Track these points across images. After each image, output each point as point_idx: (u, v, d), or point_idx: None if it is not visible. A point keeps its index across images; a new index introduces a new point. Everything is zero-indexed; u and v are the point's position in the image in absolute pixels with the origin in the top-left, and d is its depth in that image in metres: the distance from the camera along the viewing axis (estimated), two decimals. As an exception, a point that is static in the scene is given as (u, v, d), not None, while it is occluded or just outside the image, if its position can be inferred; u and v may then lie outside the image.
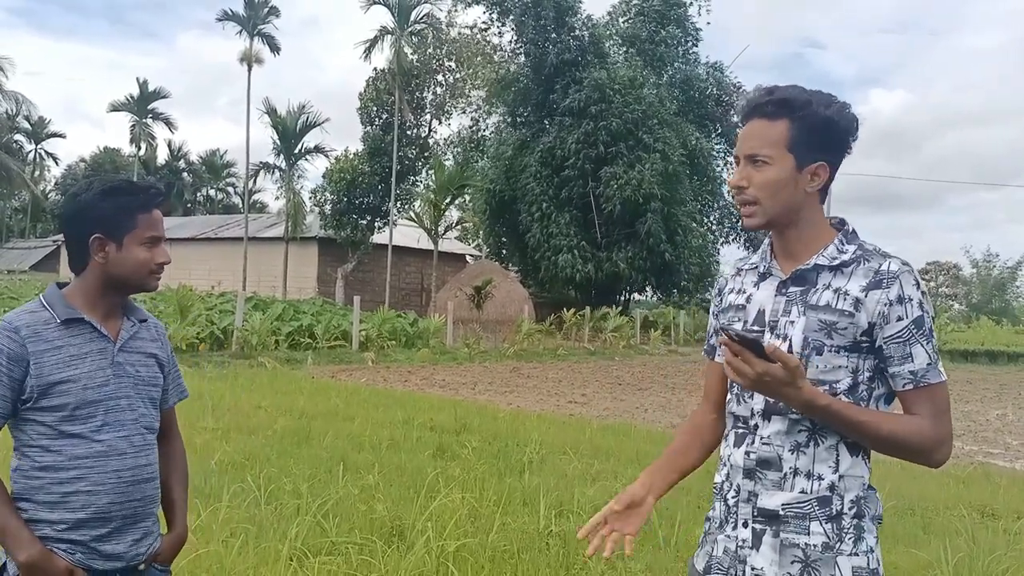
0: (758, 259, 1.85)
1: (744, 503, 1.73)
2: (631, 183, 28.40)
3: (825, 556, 1.66)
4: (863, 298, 1.66)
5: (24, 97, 48.08)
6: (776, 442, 1.70)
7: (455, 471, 6.27)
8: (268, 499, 5.05)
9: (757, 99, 1.75)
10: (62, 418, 1.91)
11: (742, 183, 1.74)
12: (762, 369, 1.56)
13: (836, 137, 1.74)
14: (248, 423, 7.96)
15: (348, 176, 35.49)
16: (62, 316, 1.95)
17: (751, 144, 1.73)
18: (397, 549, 4.29)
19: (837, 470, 1.68)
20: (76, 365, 1.92)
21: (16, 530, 1.87)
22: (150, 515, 2.06)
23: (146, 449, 2.02)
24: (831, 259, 1.72)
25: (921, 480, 7.38)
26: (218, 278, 35.43)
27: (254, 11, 36.51)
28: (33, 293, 21.26)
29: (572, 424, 9.72)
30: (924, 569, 4.46)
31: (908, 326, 1.66)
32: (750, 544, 1.71)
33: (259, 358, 15.53)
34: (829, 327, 1.67)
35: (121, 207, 1.97)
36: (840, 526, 1.67)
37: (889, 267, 1.68)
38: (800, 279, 1.74)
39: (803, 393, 1.59)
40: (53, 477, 1.91)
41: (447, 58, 36.89)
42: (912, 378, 1.67)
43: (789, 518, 1.68)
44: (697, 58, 36.46)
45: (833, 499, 1.67)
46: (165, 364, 2.14)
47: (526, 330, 24.07)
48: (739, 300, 1.83)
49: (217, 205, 69.30)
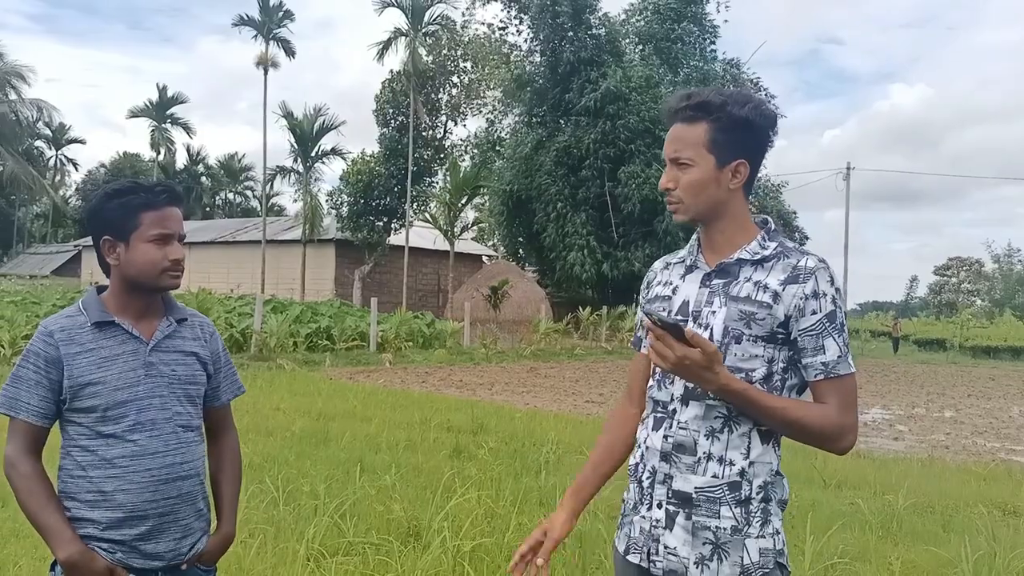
0: (685, 253, 1.94)
1: (660, 484, 1.81)
2: (650, 181, 28.34)
3: (734, 539, 1.74)
4: (781, 291, 1.75)
5: (46, 103, 48.65)
6: (692, 427, 1.78)
7: (472, 471, 6.28)
8: (286, 500, 5.08)
9: (676, 104, 1.83)
10: (96, 419, 1.95)
11: (670, 185, 1.84)
12: (682, 353, 1.64)
13: (754, 135, 1.82)
14: (267, 424, 8.01)
15: (364, 178, 35.65)
16: (93, 319, 1.99)
17: (674, 147, 1.83)
18: (414, 549, 4.31)
19: (748, 456, 1.76)
20: (107, 367, 1.96)
21: (58, 529, 1.91)
22: (191, 513, 2.05)
23: (182, 447, 2.03)
24: (753, 254, 1.81)
25: (941, 477, 7.33)
26: (237, 281, 35.67)
27: (269, 15, 36.71)
28: (55, 298, 21.49)
29: (589, 424, 9.71)
30: (944, 567, 4.43)
31: (821, 319, 1.74)
32: (663, 525, 1.79)
33: (277, 360, 15.62)
34: (748, 317, 1.76)
35: (125, 207, 1.99)
36: (748, 510, 1.75)
37: (806, 263, 1.77)
38: (723, 272, 1.83)
39: (719, 378, 1.67)
40: (92, 476, 1.95)
41: (462, 59, 36.96)
42: (823, 369, 1.75)
43: (701, 502, 1.76)
44: (715, 55, 36.31)
45: (743, 484, 1.75)
46: (208, 362, 2.14)
47: (543, 330, 24.06)
48: (665, 291, 1.92)
49: (236, 209, 69.74)
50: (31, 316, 15.94)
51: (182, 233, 2.07)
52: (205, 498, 2.13)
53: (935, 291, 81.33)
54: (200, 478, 2.09)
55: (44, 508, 1.92)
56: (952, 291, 78.92)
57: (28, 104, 47.77)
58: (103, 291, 2.08)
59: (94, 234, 2.04)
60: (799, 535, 4.43)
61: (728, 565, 1.74)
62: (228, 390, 2.24)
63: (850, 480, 6.99)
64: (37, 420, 1.96)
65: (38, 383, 1.95)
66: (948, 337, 37.16)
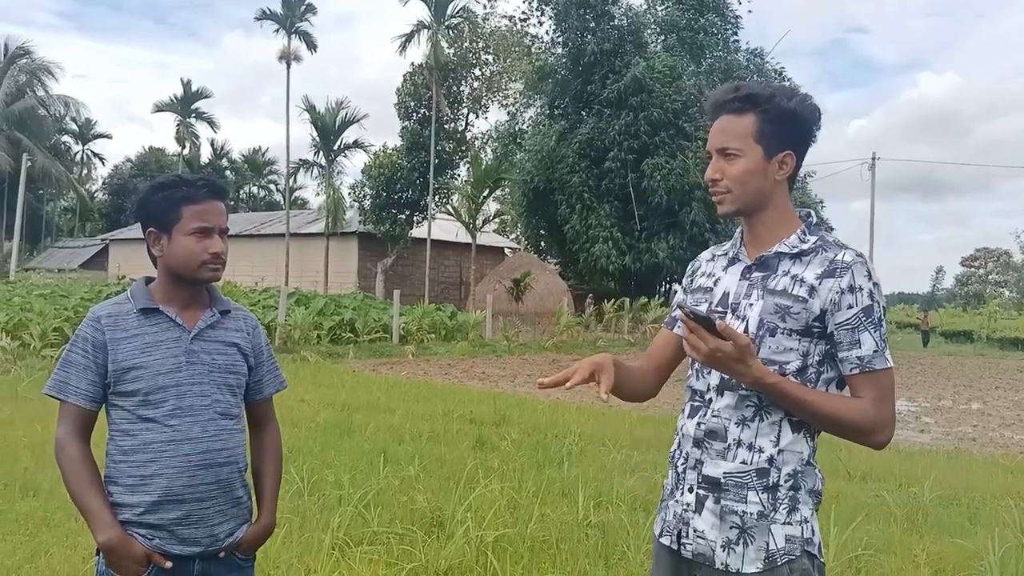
0: (729, 246, 1.97)
1: (691, 470, 1.85)
2: (675, 172, 28.20)
3: (760, 524, 1.77)
4: (817, 285, 1.77)
5: (73, 99, 49.22)
6: (724, 415, 1.81)
7: (494, 462, 6.31)
8: (311, 490, 5.13)
9: (723, 96, 1.86)
10: (138, 403, 2.01)
11: (716, 175, 1.86)
12: (714, 345, 1.66)
13: (800, 127, 1.84)
14: (291, 416, 8.08)
15: (387, 171, 35.73)
16: (139, 306, 2.06)
17: (722, 139, 1.84)
18: (437, 539, 4.34)
19: (777, 444, 1.78)
20: (150, 352, 2.02)
21: (98, 512, 1.96)
22: (228, 501, 2.09)
23: (220, 434, 2.07)
24: (791, 247, 1.83)
25: (968, 470, 7.26)
26: (261, 274, 35.91)
27: (291, 9, 36.81)
28: (83, 291, 21.77)
29: (611, 415, 9.71)
30: (970, 559, 4.40)
31: (857, 314, 1.75)
32: (693, 508, 1.83)
33: (302, 352, 15.74)
34: (783, 311, 1.77)
35: (168, 200, 2.05)
36: (775, 497, 1.77)
37: (843, 257, 1.78)
38: (763, 265, 1.85)
39: (752, 370, 1.69)
40: (132, 461, 2.00)
41: (484, 51, 36.91)
42: (859, 363, 1.76)
43: (729, 486, 1.79)
44: (738, 45, 35.99)
45: (771, 471, 1.78)
46: (249, 354, 2.18)
47: (565, 322, 24.05)
48: (708, 283, 1.95)
49: (259, 202, 70.19)
50: (60, 309, 16.16)
51: (224, 227, 2.11)
52: (245, 487, 2.16)
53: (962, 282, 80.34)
54: (238, 466, 2.12)
55: (87, 491, 1.97)
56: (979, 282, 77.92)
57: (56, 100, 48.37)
58: (151, 281, 2.15)
59: (141, 225, 2.11)
60: (823, 526, 4.38)
61: (753, 549, 1.77)
62: (271, 384, 2.28)
63: (875, 472, 6.95)
64: (85, 403, 2.02)
65: (86, 367, 2.01)
66: (975, 329, 36.73)
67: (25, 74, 46.73)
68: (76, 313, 15.62)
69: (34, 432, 6.68)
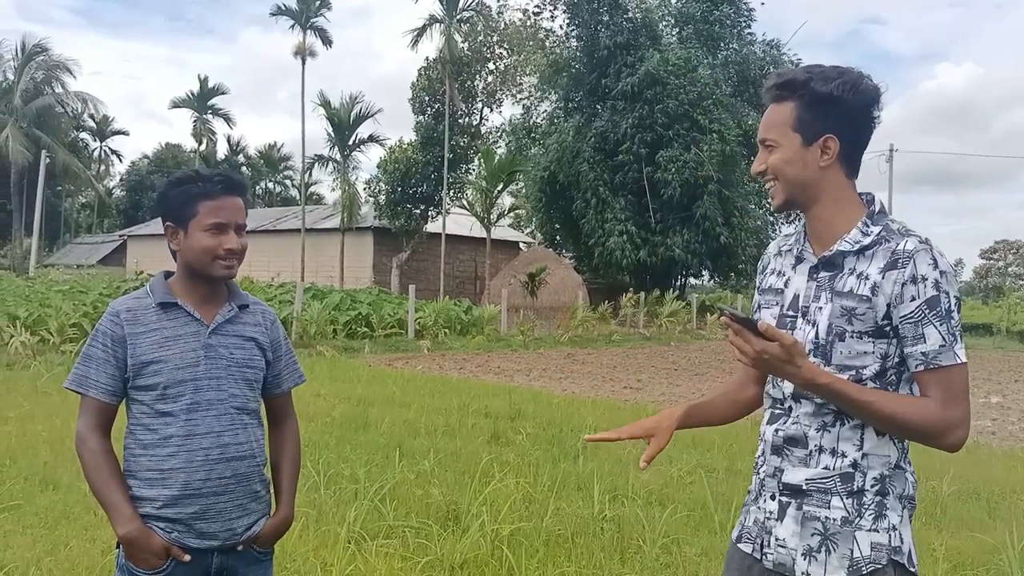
0: (794, 240, 1.89)
1: (771, 478, 1.80)
2: (689, 165, 28.08)
3: (844, 530, 1.69)
4: (880, 280, 1.67)
5: (90, 96, 49.62)
6: (804, 421, 1.75)
7: (509, 457, 6.32)
8: (327, 484, 5.16)
9: (767, 85, 1.83)
10: (156, 397, 2.02)
11: (761, 167, 1.82)
12: (760, 347, 1.61)
13: (843, 111, 1.73)
14: (307, 410, 8.11)
15: (402, 166, 35.78)
16: (158, 300, 2.07)
17: (762, 130, 1.82)
18: (452, 532, 4.35)
19: (861, 448, 1.70)
20: (168, 346, 2.03)
21: (119, 506, 1.98)
22: (246, 494, 2.10)
23: (237, 428, 2.08)
24: (854, 243, 1.73)
25: (987, 464, 7.21)
26: (277, 269, 36.06)
27: (306, 4, 36.90)
28: (101, 287, 21.94)
29: (627, 410, 9.70)
30: (989, 554, 4.37)
31: (920, 306, 1.65)
32: (775, 516, 1.78)
33: (318, 347, 15.79)
34: (849, 313, 1.69)
35: (185, 195, 2.07)
36: (861, 502, 1.70)
37: (905, 246, 1.67)
38: (828, 264, 1.77)
39: (802, 371, 1.62)
40: (151, 455, 2.02)
41: (498, 45, 36.85)
42: (923, 359, 1.66)
43: (812, 492, 1.72)
44: (753, 37, 35.76)
45: (855, 476, 1.70)
46: (267, 348, 2.19)
47: (580, 316, 24.01)
48: (779, 283, 1.88)
49: (275, 198, 70.44)
50: (78, 305, 16.27)
51: (241, 223, 2.11)
52: (263, 481, 2.17)
53: (981, 275, 79.62)
54: (256, 460, 2.13)
55: (107, 484, 2.00)
56: (999, 275, 77.21)
57: (73, 96, 48.77)
58: (171, 276, 2.16)
59: (161, 220, 2.14)
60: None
61: (836, 557, 1.69)
62: (289, 378, 2.30)
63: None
64: (106, 397, 2.04)
65: (106, 361, 2.03)
66: (995, 322, 36.37)
67: (42, 71, 47.15)
68: (95, 309, 15.72)
69: (53, 426, 6.74)
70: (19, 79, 46.13)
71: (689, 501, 5.27)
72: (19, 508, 4.70)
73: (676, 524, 4.67)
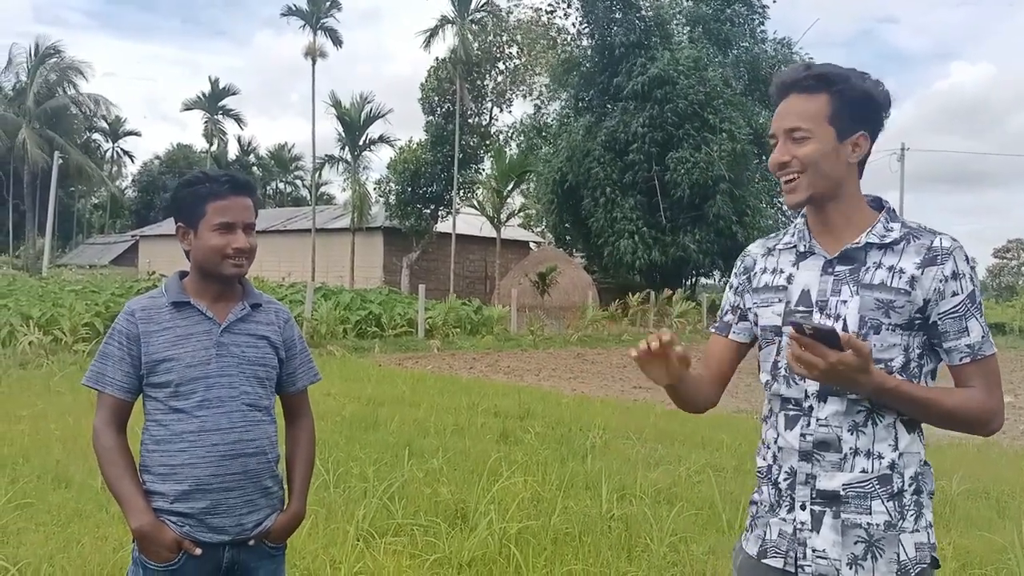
0: (793, 238, 1.85)
1: (802, 485, 1.72)
2: (699, 165, 28.03)
3: (888, 535, 1.67)
4: (919, 275, 1.67)
5: (103, 97, 49.95)
6: (834, 423, 1.69)
7: (518, 456, 6.33)
8: (337, 482, 5.19)
9: (795, 75, 1.76)
10: (169, 394, 2.07)
11: (785, 158, 1.74)
12: (836, 359, 1.54)
13: (874, 109, 1.75)
14: (317, 409, 8.07)
15: (412, 166, 35.84)
16: (171, 299, 2.12)
17: (791, 120, 1.74)
18: (461, 531, 4.37)
19: (897, 448, 1.69)
20: (181, 344, 2.08)
21: (132, 499, 2.03)
22: (257, 490, 2.13)
23: (248, 425, 2.11)
24: (880, 237, 1.72)
25: (997, 463, 7.18)
26: (288, 269, 36.16)
27: (317, 5, 37.00)
28: (113, 287, 22.06)
29: (636, 409, 9.70)
30: (997, 553, 4.35)
31: (964, 301, 1.68)
32: (810, 527, 1.71)
33: (328, 346, 15.85)
34: (887, 306, 1.67)
35: (194, 196, 2.11)
36: (902, 503, 1.68)
37: (942, 243, 1.69)
38: (848, 258, 1.73)
39: (874, 378, 1.59)
40: (164, 450, 2.07)
41: (508, 44, 36.87)
42: (969, 352, 1.69)
43: (850, 498, 1.68)
44: (765, 36, 35.67)
45: (894, 477, 1.68)
46: (280, 347, 2.22)
47: (591, 316, 24.00)
48: (778, 280, 1.82)
49: (286, 198, 70.67)
50: (91, 304, 16.36)
51: (249, 222, 2.15)
52: (275, 477, 2.20)
53: (994, 274, 79.11)
54: (268, 457, 2.16)
55: (121, 479, 2.05)
56: (1012, 274, 76.70)
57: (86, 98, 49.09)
58: (185, 275, 2.20)
59: (173, 220, 2.18)
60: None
61: (884, 563, 1.66)
62: (304, 377, 2.32)
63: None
64: (121, 394, 2.09)
65: (122, 359, 2.08)
66: (1007, 321, 36.11)
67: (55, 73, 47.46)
68: (107, 308, 15.81)
69: (66, 425, 6.79)
70: (32, 81, 46.45)
71: (697, 500, 5.28)
72: (32, 506, 4.75)
73: (684, 523, 4.68)
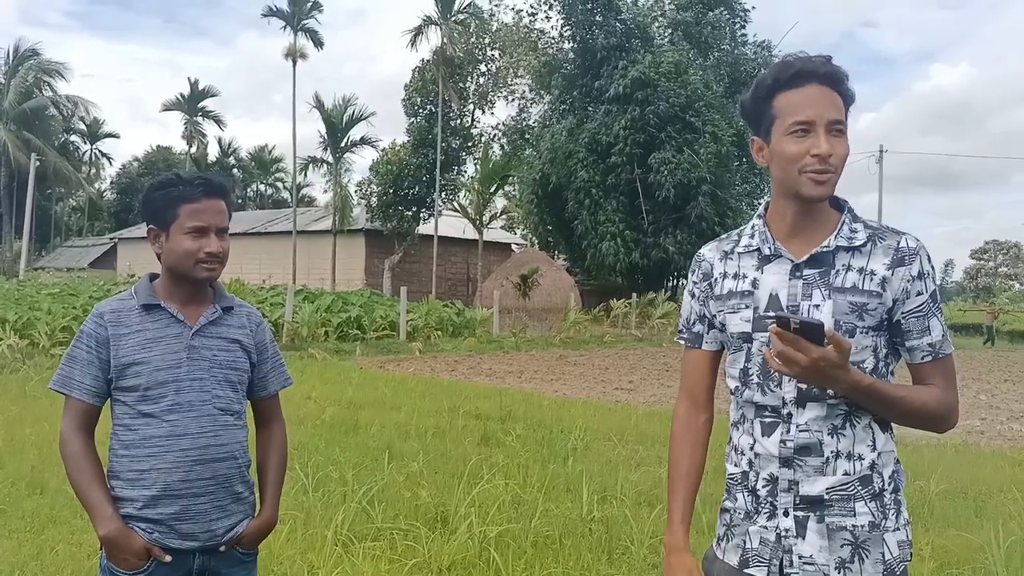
0: (754, 240, 1.78)
1: (784, 492, 1.69)
2: (682, 167, 28.16)
3: (873, 535, 1.67)
4: (889, 276, 1.66)
5: (82, 99, 49.44)
6: (815, 427, 1.67)
7: (499, 458, 6.32)
8: (316, 487, 5.15)
9: (822, 66, 1.68)
10: (138, 398, 2.03)
11: (831, 150, 1.64)
12: (819, 355, 1.52)
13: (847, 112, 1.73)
14: (297, 413, 8.10)
15: (394, 168, 35.76)
16: (141, 302, 2.08)
17: (834, 112, 1.66)
18: (440, 534, 4.35)
19: (875, 448, 1.69)
20: (150, 348, 2.04)
21: (99, 506, 1.99)
22: (227, 496, 2.09)
23: (218, 430, 2.08)
24: (848, 239, 1.69)
25: (975, 463, 7.23)
26: (268, 272, 35.97)
27: (298, 6, 36.86)
28: (91, 290, 21.86)
29: (618, 411, 9.71)
30: (975, 552, 4.38)
31: (927, 300, 1.69)
32: (795, 533, 1.68)
33: (309, 349, 15.77)
34: (860, 309, 1.65)
35: (166, 199, 2.07)
36: (883, 503, 1.69)
37: (908, 244, 1.68)
38: (816, 261, 1.69)
39: (851, 375, 1.58)
40: (132, 455, 2.03)
41: (490, 47, 36.88)
42: (931, 350, 1.71)
43: (834, 502, 1.67)
44: (745, 39, 35.86)
45: (874, 477, 1.68)
46: (252, 350, 2.19)
47: (573, 318, 24.03)
48: (743, 286, 1.76)
49: (267, 200, 70.30)
50: (68, 308, 16.22)
51: (222, 225, 2.10)
52: (246, 483, 2.17)
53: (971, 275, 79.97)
54: (238, 462, 2.13)
55: (89, 485, 2.00)
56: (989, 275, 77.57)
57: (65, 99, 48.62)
58: (156, 278, 2.17)
59: (145, 223, 2.14)
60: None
61: (870, 563, 1.66)
62: (276, 381, 2.29)
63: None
64: (89, 398, 2.05)
65: (90, 362, 2.04)
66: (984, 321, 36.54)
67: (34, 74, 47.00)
68: (84, 312, 15.66)
69: (42, 430, 6.71)
70: (10, 83, 45.97)
71: (678, 502, 5.27)
72: (5, 512, 4.69)
73: (664, 524, 4.67)
